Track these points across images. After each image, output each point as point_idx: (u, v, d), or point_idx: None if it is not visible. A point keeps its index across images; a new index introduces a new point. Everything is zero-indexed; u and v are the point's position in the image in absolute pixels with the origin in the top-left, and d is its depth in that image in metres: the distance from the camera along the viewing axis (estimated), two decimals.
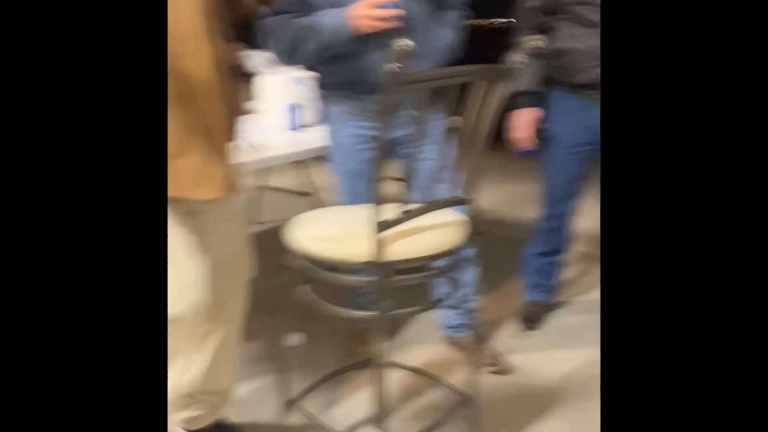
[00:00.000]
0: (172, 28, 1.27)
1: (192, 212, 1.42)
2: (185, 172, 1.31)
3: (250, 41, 2.64)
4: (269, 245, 3.40)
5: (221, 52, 1.41)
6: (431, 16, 1.82)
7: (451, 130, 1.62)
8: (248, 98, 2.84)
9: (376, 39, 1.73)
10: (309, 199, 3.51)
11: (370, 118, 1.83)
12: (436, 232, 1.48)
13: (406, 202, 1.42)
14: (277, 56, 1.85)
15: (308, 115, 2.49)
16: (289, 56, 1.82)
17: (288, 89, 2.50)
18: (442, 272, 1.57)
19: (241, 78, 2.89)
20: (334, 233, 1.47)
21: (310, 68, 2.54)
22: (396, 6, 1.69)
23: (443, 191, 1.59)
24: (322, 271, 1.47)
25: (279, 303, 2.57)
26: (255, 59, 2.56)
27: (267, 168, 3.43)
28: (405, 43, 1.23)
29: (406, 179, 1.81)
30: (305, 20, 1.76)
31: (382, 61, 1.75)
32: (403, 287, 1.42)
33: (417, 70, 1.71)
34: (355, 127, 1.86)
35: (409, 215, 1.42)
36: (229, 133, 1.42)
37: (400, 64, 1.27)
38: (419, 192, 1.80)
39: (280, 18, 1.79)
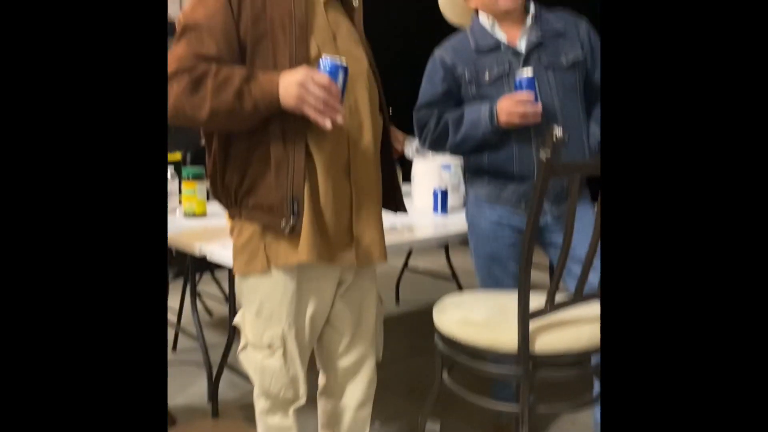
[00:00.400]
0: (351, 101, 1.37)
1: (330, 279, 1.43)
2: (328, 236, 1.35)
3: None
4: (408, 327, 3.42)
5: (385, 131, 1.49)
6: (582, 112, 1.83)
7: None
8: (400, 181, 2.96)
9: (519, 131, 1.77)
10: (450, 283, 3.50)
11: (510, 204, 1.85)
12: (587, 326, 1.41)
13: (554, 292, 1.38)
14: (425, 145, 1.93)
15: (454, 199, 2.54)
16: (436, 146, 1.90)
17: (435, 174, 2.57)
18: (593, 370, 1.48)
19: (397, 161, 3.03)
20: (480, 319, 1.45)
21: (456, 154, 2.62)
22: (541, 99, 1.73)
23: (594, 283, 1.52)
24: (464, 357, 1.45)
25: (416, 387, 2.55)
26: (410, 146, 2.69)
27: (410, 249, 3.50)
28: (558, 132, 1.23)
29: (553, 269, 1.76)
30: (452, 113, 1.84)
31: (525, 151, 1.78)
32: (552, 382, 1.35)
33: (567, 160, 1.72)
34: (495, 214, 1.87)
35: (559, 305, 1.37)
36: (378, 206, 1.47)
37: (550, 153, 1.26)
38: (568, 283, 1.75)
39: (428, 110, 1.88)
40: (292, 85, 1.23)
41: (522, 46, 1.80)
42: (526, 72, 1.73)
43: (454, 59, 1.84)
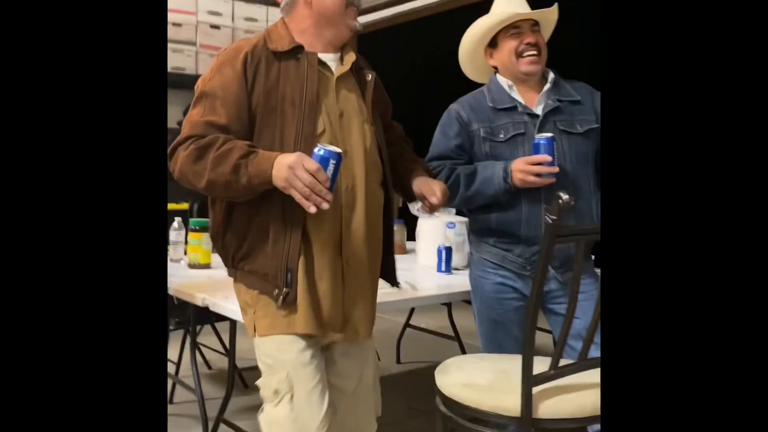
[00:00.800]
0: (348, 180, 1.40)
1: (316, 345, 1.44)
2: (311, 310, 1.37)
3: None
4: (408, 387, 3.36)
5: (387, 205, 1.52)
6: (592, 180, 1.84)
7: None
8: (404, 238, 2.96)
9: (530, 193, 1.77)
10: (452, 342, 3.46)
11: (516, 268, 1.83)
12: (591, 393, 1.39)
13: (558, 357, 1.37)
14: None
15: (458, 258, 2.53)
16: (449, 203, 1.87)
17: (440, 232, 2.58)
18: None
19: (399, 220, 3.04)
20: (483, 382, 1.43)
21: (461, 213, 2.63)
22: (553, 164, 1.74)
23: (596, 350, 1.51)
24: (466, 421, 1.42)
25: None
26: (414, 203, 2.69)
27: (412, 307, 3.48)
28: (566, 197, 1.25)
29: (556, 335, 1.74)
30: (465, 168, 1.84)
31: (534, 214, 1.78)
32: None
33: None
34: (499, 277, 1.85)
35: (563, 371, 1.35)
36: (370, 283, 1.49)
37: (555, 217, 1.28)
38: (570, 349, 1.73)
39: (440, 162, 1.88)
40: (283, 168, 1.28)
41: (539, 109, 1.82)
42: (546, 133, 1.75)
43: (470, 115, 1.86)
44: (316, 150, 1.28)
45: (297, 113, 1.36)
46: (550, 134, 1.75)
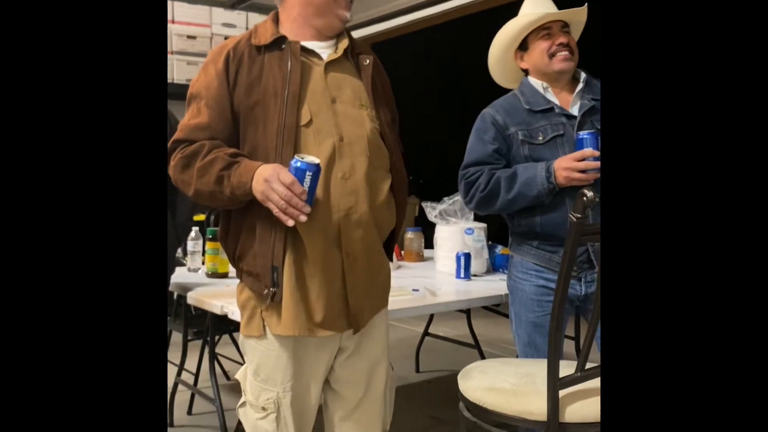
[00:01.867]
0: (346, 167, 1.36)
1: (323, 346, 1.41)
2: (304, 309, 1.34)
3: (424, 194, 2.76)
4: (428, 396, 3.33)
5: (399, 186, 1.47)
6: None
7: None
8: (421, 245, 2.95)
9: (574, 193, 1.74)
10: (471, 351, 3.43)
11: (558, 270, 1.79)
12: None
13: (585, 359, 1.34)
14: (471, 203, 1.89)
15: (476, 264, 2.51)
16: (485, 204, 1.85)
17: (458, 238, 2.56)
18: None
19: (417, 228, 3.03)
20: (508, 386, 1.40)
21: (480, 219, 2.60)
22: (599, 159, 1.70)
23: None
24: (490, 426, 1.39)
25: None
26: (431, 210, 2.68)
27: (431, 315, 3.45)
28: (591, 194, 1.22)
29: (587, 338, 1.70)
30: (504, 172, 1.81)
31: None
32: None
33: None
34: (542, 279, 1.82)
35: (589, 373, 1.32)
36: (377, 271, 1.44)
37: (580, 215, 1.25)
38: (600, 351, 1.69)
39: (477, 168, 1.85)
40: (260, 181, 1.27)
41: (575, 109, 1.80)
42: (588, 130, 1.72)
43: (506, 119, 1.83)
44: (293, 162, 1.27)
45: (279, 104, 1.33)
46: (592, 129, 1.72)
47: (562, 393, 1.29)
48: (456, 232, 2.57)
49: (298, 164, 1.26)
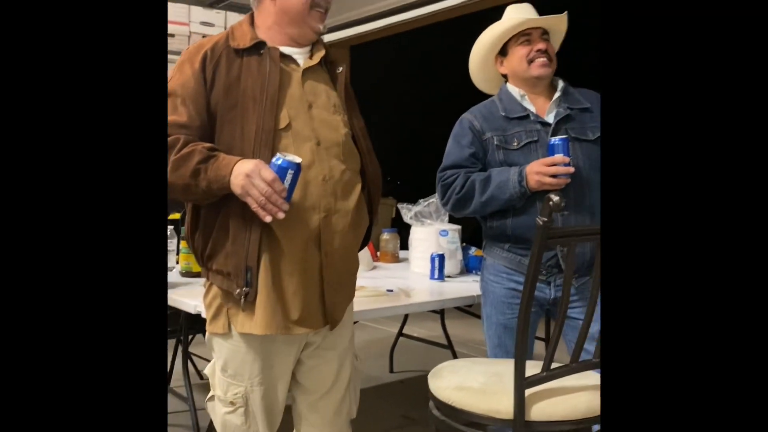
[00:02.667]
0: (325, 171, 1.39)
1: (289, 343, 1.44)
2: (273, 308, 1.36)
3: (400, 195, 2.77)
4: (401, 396, 3.35)
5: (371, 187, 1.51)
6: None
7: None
8: (397, 246, 2.97)
9: (545, 194, 1.77)
10: (445, 351, 3.46)
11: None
12: (584, 395, 1.39)
13: (550, 359, 1.37)
14: (447, 205, 1.93)
15: (450, 266, 2.54)
16: (460, 206, 1.89)
17: (433, 240, 2.58)
18: None
19: (393, 229, 3.05)
20: (476, 385, 1.43)
21: (455, 221, 2.64)
22: (569, 164, 1.75)
23: (592, 354, 1.51)
24: (459, 425, 1.42)
25: None
26: (407, 212, 2.70)
27: (406, 316, 3.48)
28: (557, 198, 1.26)
29: (566, 340, 1.74)
30: (479, 175, 1.85)
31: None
32: None
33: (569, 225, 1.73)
34: (512, 281, 1.86)
35: (556, 373, 1.36)
36: (352, 271, 1.48)
37: (546, 219, 1.28)
38: (569, 353, 1.73)
39: (454, 171, 1.89)
40: (240, 175, 1.27)
41: (550, 117, 1.84)
42: (560, 135, 1.76)
43: (483, 124, 1.87)
44: (274, 159, 1.28)
45: (258, 108, 1.35)
46: (564, 135, 1.76)
47: (528, 392, 1.32)
48: (431, 233, 2.59)
49: (280, 162, 1.27)
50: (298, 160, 1.29)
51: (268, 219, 1.28)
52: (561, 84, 1.89)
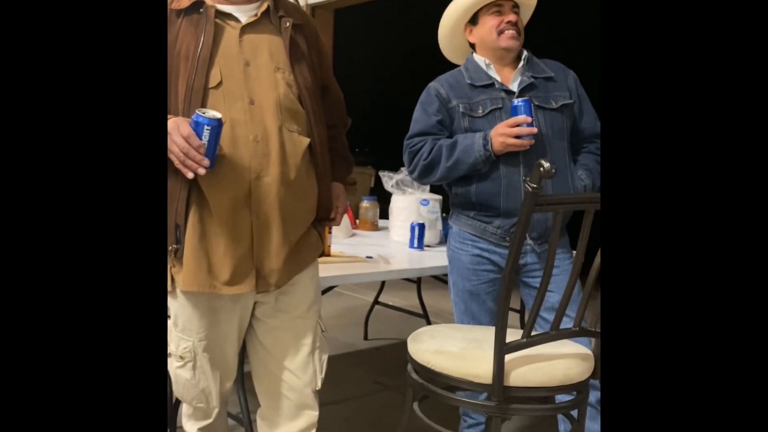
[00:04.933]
0: (258, 130, 1.38)
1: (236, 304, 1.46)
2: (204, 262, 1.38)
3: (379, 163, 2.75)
4: (375, 363, 3.37)
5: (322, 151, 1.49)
6: (568, 154, 1.89)
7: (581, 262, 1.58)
8: (376, 215, 2.96)
9: (509, 164, 1.79)
10: (420, 320, 3.49)
11: (495, 239, 1.86)
12: (561, 362, 1.40)
13: (531, 325, 1.38)
14: (414, 173, 1.94)
15: (430, 236, 2.54)
16: (427, 172, 1.90)
17: (413, 209, 2.58)
18: (564, 408, 1.47)
19: (372, 197, 3.03)
20: (455, 350, 1.43)
21: (436, 190, 2.63)
22: (532, 125, 1.76)
23: (567, 323, 1.53)
24: (437, 388, 1.43)
25: (381, 422, 2.50)
26: (389, 180, 2.69)
27: (382, 283, 3.48)
28: (547, 164, 1.25)
29: (529, 308, 1.76)
30: (446, 141, 1.87)
31: (513, 185, 1.79)
32: (523, 423, 1.33)
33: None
34: (477, 248, 1.88)
35: (534, 340, 1.36)
36: (288, 235, 1.44)
37: (536, 185, 1.28)
38: (543, 321, 1.75)
39: (421, 138, 1.90)
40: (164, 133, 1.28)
41: (515, 85, 1.86)
42: (522, 98, 1.78)
43: (449, 92, 1.89)
44: (193, 116, 1.29)
45: (189, 67, 1.35)
46: (526, 97, 1.78)
47: (507, 358, 1.33)
48: (412, 202, 2.59)
49: (198, 119, 1.28)
50: (218, 116, 1.29)
51: (189, 175, 1.29)
52: (525, 54, 1.91)
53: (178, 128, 1.27)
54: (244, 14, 1.43)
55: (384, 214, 2.95)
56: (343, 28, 4.79)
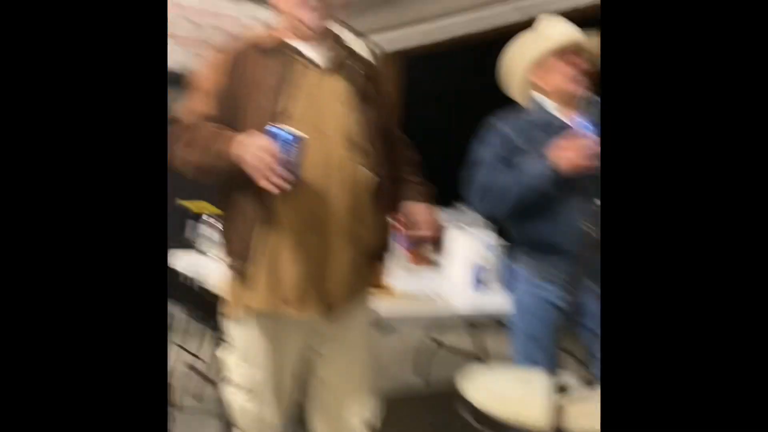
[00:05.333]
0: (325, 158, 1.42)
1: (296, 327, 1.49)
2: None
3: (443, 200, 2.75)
4: (431, 405, 3.32)
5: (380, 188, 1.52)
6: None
7: None
8: (435, 250, 2.94)
9: (569, 203, 1.76)
10: (480, 363, 3.42)
11: (558, 282, 1.80)
12: None
13: (588, 374, 1.35)
14: (478, 207, 1.92)
15: (491, 278, 2.50)
16: (492, 206, 1.88)
17: (474, 249, 2.55)
18: None
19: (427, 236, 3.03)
20: (510, 392, 1.42)
21: (498, 231, 2.60)
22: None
23: None
24: (488, 431, 1.41)
25: None
26: (446, 215, 2.69)
27: (440, 324, 3.45)
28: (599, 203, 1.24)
29: (587, 352, 1.71)
30: (510, 171, 1.83)
31: (577, 225, 1.75)
32: None
33: None
34: (541, 290, 1.84)
35: (590, 385, 1.34)
36: (355, 259, 1.47)
37: (595, 227, 1.26)
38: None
39: (485, 171, 1.87)
40: (239, 144, 1.34)
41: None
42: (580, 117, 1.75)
43: (513, 130, 1.87)
44: (274, 130, 1.30)
45: (259, 97, 1.43)
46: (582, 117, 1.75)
47: (562, 402, 1.30)
48: (472, 241, 2.57)
49: (282, 135, 1.28)
50: (300, 133, 1.30)
51: (275, 191, 1.29)
52: (587, 94, 1.88)
53: (260, 142, 1.30)
54: (320, 55, 1.51)
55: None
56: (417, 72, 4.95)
